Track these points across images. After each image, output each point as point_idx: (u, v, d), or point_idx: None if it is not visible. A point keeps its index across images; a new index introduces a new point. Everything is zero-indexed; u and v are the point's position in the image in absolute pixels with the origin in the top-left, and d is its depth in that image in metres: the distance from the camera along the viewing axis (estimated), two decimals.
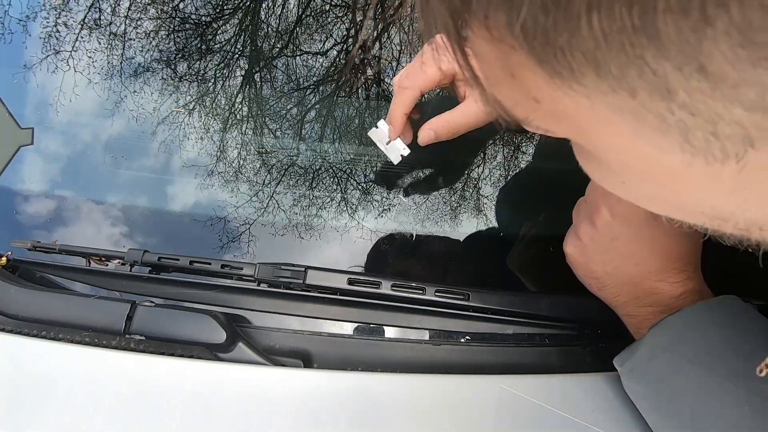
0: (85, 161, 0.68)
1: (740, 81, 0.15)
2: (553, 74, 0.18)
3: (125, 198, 0.66)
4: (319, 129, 0.68)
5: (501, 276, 0.62)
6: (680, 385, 0.42)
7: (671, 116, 0.17)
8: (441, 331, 0.57)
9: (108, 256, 0.59)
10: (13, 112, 0.69)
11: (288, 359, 0.53)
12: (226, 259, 0.59)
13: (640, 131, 0.19)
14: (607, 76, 0.17)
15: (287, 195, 0.65)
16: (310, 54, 0.70)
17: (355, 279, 0.55)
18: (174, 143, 0.67)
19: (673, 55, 0.15)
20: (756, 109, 0.16)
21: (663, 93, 0.16)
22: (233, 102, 0.69)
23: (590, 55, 0.16)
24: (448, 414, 0.48)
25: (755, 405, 0.38)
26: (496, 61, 0.19)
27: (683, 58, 0.15)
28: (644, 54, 0.15)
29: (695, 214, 0.24)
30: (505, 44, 0.18)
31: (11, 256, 0.60)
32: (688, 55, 0.15)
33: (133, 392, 0.48)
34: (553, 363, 0.54)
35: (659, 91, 0.16)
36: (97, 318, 0.52)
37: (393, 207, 0.65)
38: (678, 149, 0.18)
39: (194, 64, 0.70)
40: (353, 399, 0.48)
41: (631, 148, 0.20)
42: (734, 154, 0.18)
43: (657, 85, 0.16)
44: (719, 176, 0.19)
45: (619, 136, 0.20)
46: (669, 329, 0.43)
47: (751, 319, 0.42)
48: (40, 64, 0.71)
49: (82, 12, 0.72)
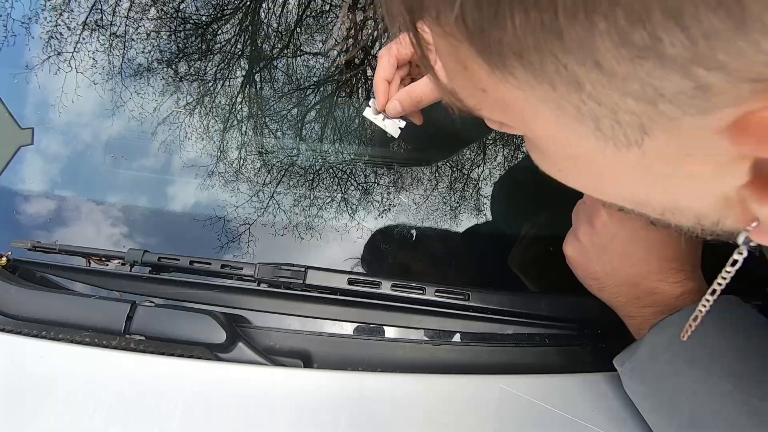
0: (85, 161, 0.68)
1: (626, 75, 0.17)
2: (493, 67, 0.20)
3: (125, 198, 0.66)
4: (319, 129, 0.68)
5: (501, 276, 0.62)
6: (679, 386, 0.42)
7: (584, 106, 0.19)
8: (441, 331, 0.57)
9: (108, 256, 0.59)
10: (13, 112, 0.69)
11: (288, 359, 0.53)
12: (226, 259, 0.59)
13: (562, 120, 0.21)
14: (531, 71, 0.19)
15: (287, 195, 0.65)
16: (310, 54, 0.70)
17: (355, 279, 0.55)
18: (174, 143, 0.67)
19: (576, 52, 0.17)
20: (641, 99, 0.18)
21: (574, 85, 0.18)
22: (233, 102, 0.69)
23: (516, 51, 0.18)
24: (448, 414, 0.48)
25: (753, 405, 0.38)
26: (449, 54, 0.21)
27: (582, 54, 0.17)
28: (555, 51, 0.17)
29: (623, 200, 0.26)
30: (455, 39, 0.20)
31: (11, 256, 0.60)
32: (585, 52, 0.17)
33: (133, 392, 0.48)
34: (553, 363, 0.54)
35: (572, 84, 0.18)
36: (97, 318, 0.52)
37: (393, 207, 0.65)
38: (593, 136, 0.21)
39: (194, 65, 0.70)
40: (353, 399, 0.48)
41: (558, 136, 0.22)
42: (635, 141, 0.20)
43: (569, 78, 0.18)
44: (628, 162, 0.21)
45: (548, 125, 0.22)
46: (669, 329, 0.43)
47: (750, 320, 0.43)
48: (40, 64, 0.71)
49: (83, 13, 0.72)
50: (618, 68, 0.17)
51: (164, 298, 0.57)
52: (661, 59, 0.16)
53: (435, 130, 0.63)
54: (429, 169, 0.67)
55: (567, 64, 0.18)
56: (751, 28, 0.14)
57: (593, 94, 0.18)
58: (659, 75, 0.17)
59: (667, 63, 0.16)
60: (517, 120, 0.24)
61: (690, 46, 0.15)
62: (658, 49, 0.16)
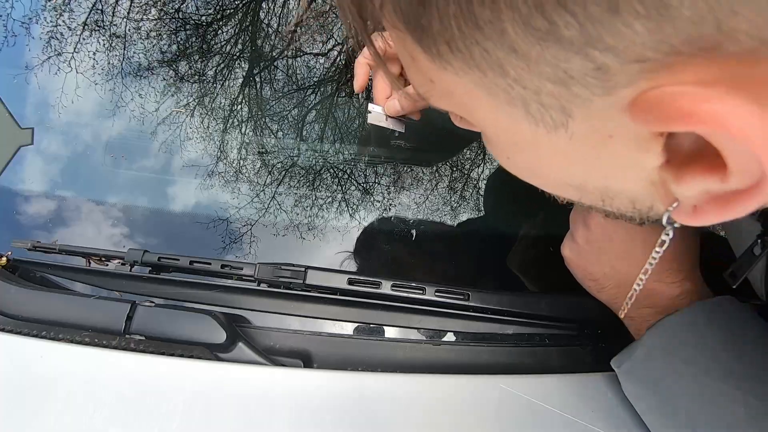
0: (85, 161, 0.68)
1: (537, 59, 0.18)
2: (431, 56, 0.21)
3: (125, 198, 0.66)
4: (319, 129, 0.68)
5: (501, 276, 0.63)
6: (677, 386, 0.42)
7: (512, 90, 0.20)
8: (441, 331, 0.57)
9: (108, 256, 0.59)
10: (13, 112, 0.69)
11: (288, 359, 0.53)
12: (226, 259, 0.59)
13: (496, 105, 0.21)
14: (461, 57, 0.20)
15: (287, 195, 0.65)
16: (310, 55, 0.70)
17: (355, 279, 0.55)
18: (174, 143, 0.67)
19: (493, 37, 0.18)
20: (556, 82, 0.18)
21: (499, 70, 0.19)
22: (233, 102, 0.69)
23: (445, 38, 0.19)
24: (448, 414, 0.48)
25: (751, 405, 0.38)
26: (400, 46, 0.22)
27: (499, 40, 0.18)
28: (476, 37, 0.18)
29: (565, 187, 0.27)
30: (399, 30, 0.21)
31: (11, 256, 0.60)
32: (500, 37, 0.18)
33: (133, 392, 0.48)
34: (553, 363, 0.54)
35: (497, 69, 0.19)
36: (97, 318, 0.52)
37: (393, 207, 0.65)
38: (525, 120, 0.21)
39: (194, 65, 0.70)
40: (353, 399, 0.48)
41: (497, 120, 0.23)
42: (561, 123, 0.21)
43: (493, 63, 0.19)
44: (560, 145, 0.22)
45: (487, 111, 0.23)
46: (666, 330, 0.43)
47: (747, 320, 0.43)
48: (40, 64, 0.71)
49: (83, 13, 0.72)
50: (530, 52, 0.18)
51: (164, 298, 0.57)
52: (560, 42, 0.17)
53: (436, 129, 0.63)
54: (429, 169, 0.67)
55: (489, 49, 0.18)
56: (624, 11, 0.15)
57: (517, 78, 0.19)
58: (564, 57, 0.17)
59: (566, 45, 0.17)
60: (463, 109, 0.25)
61: (581, 29, 0.16)
62: (557, 33, 0.17)
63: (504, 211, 0.67)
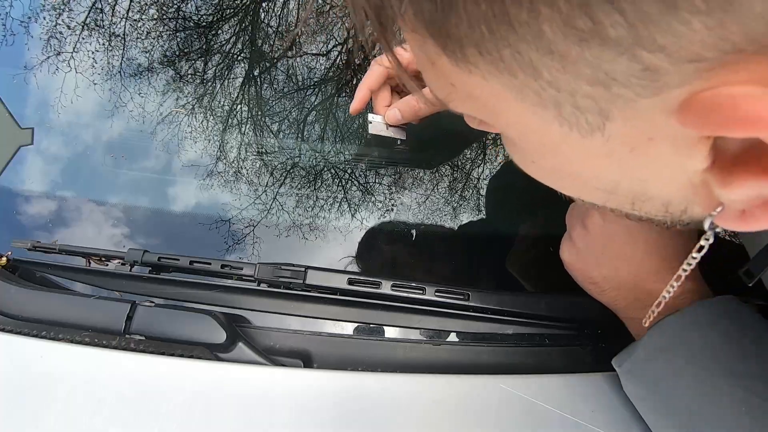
0: (85, 161, 0.68)
1: (577, 59, 0.17)
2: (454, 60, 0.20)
3: (125, 198, 0.66)
4: (320, 129, 0.68)
5: (501, 276, 0.62)
6: (678, 386, 0.42)
7: (544, 92, 0.19)
8: (441, 331, 0.57)
9: (108, 256, 0.59)
10: (13, 112, 0.69)
11: (288, 359, 0.53)
12: (226, 259, 0.59)
13: (525, 107, 0.21)
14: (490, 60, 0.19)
15: (287, 195, 0.65)
16: (311, 55, 0.70)
17: (355, 279, 0.55)
18: (174, 143, 0.67)
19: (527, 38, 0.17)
20: (595, 84, 0.18)
21: (532, 72, 0.18)
22: (232, 102, 0.69)
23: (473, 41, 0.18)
24: (448, 414, 0.48)
25: (752, 405, 0.38)
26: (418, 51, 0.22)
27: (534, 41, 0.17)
28: (509, 38, 0.17)
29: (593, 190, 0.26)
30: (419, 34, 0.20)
31: (11, 256, 0.60)
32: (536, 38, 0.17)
33: (133, 392, 0.48)
34: (553, 363, 0.54)
35: (530, 71, 0.18)
36: (97, 318, 0.52)
37: (393, 207, 0.65)
38: (556, 123, 0.20)
39: (195, 64, 0.70)
40: (353, 399, 0.48)
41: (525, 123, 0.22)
42: (597, 127, 0.20)
43: (525, 65, 0.18)
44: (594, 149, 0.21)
45: (515, 113, 0.22)
46: (667, 330, 0.43)
47: (748, 319, 0.42)
48: (39, 64, 0.71)
49: (82, 12, 0.72)
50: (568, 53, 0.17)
51: (164, 298, 0.57)
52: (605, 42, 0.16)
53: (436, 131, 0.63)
54: (430, 170, 0.67)
55: (521, 51, 0.18)
56: (682, 8, 0.15)
57: (551, 80, 0.18)
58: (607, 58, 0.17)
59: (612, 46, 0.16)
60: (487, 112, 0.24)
61: (629, 29, 0.15)
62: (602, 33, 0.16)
63: (504, 211, 0.67)
